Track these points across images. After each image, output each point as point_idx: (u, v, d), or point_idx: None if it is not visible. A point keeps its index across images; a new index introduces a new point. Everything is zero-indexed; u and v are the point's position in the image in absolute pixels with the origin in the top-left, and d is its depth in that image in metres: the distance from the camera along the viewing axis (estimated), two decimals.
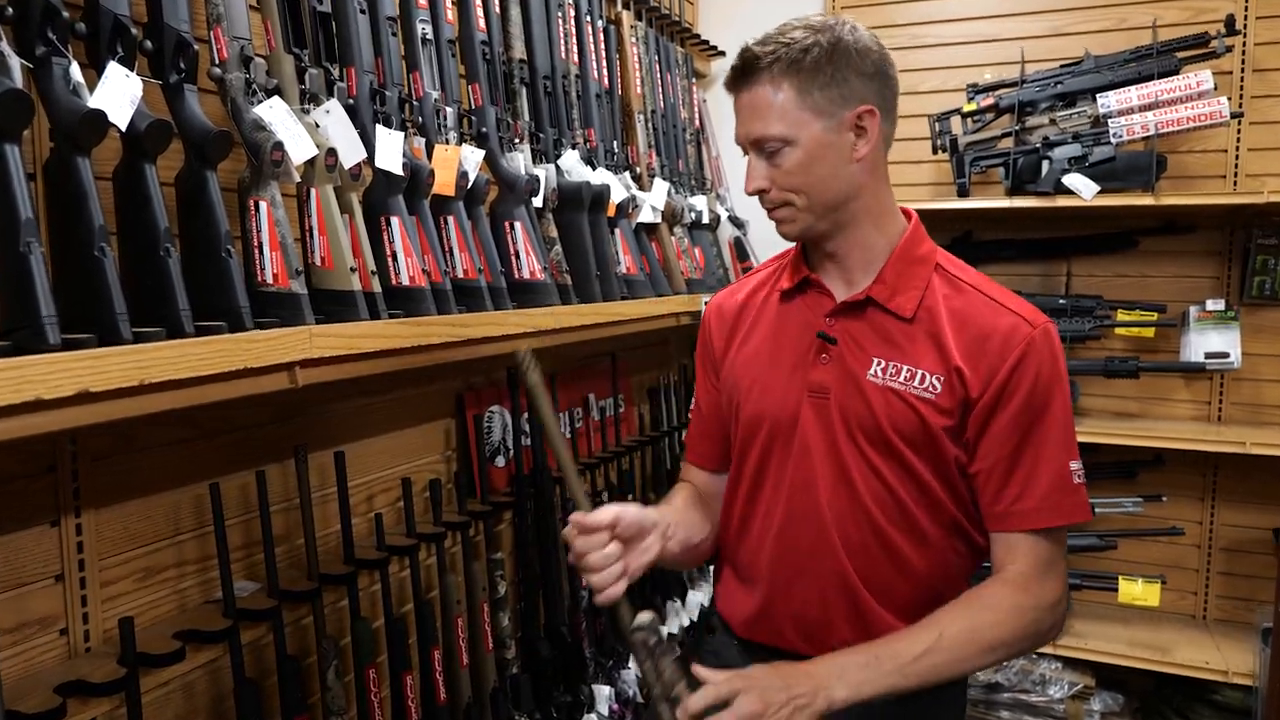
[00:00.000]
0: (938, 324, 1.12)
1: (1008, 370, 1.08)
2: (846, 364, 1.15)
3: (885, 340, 1.14)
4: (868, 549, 1.15)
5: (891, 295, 1.14)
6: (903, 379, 1.12)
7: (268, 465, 1.51)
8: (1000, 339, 1.09)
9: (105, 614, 1.27)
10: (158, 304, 1.07)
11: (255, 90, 1.23)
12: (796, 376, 1.18)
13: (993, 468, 1.10)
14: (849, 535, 1.15)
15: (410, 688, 1.65)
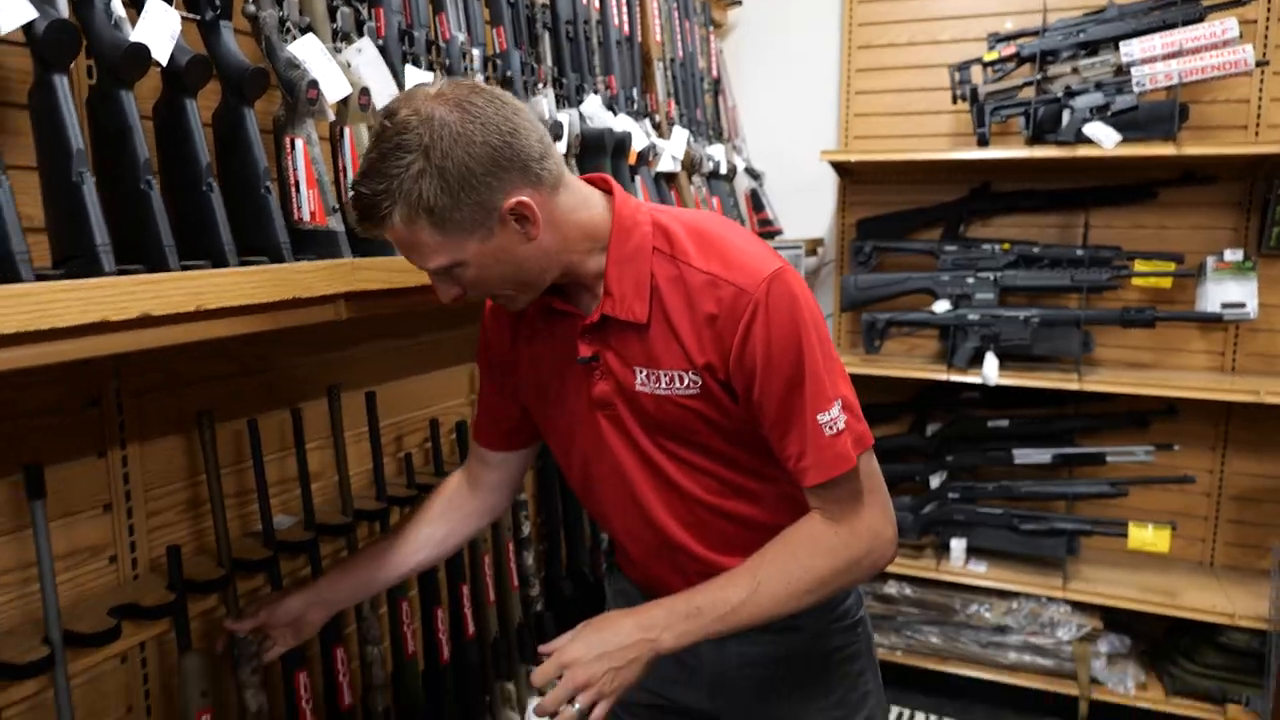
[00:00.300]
0: (672, 320, 1.08)
1: (739, 345, 1.04)
2: (617, 378, 1.12)
3: (638, 349, 1.10)
4: (707, 525, 1.17)
5: (621, 305, 1.08)
6: (665, 385, 1.09)
7: (303, 404, 1.54)
8: (725, 315, 1.05)
9: (152, 542, 1.32)
10: (200, 238, 1.09)
11: (289, 28, 1.24)
12: (582, 394, 1.15)
13: (770, 432, 1.09)
14: (688, 522, 1.17)
15: (440, 621, 1.70)
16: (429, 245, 0.97)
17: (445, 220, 0.95)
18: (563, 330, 1.15)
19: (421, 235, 0.96)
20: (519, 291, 1.07)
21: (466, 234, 0.97)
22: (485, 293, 1.07)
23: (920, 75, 2.99)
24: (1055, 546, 2.68)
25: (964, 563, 2.75)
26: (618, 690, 1.04)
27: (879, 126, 3.07)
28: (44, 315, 0.71)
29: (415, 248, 0.99)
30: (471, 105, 0.95)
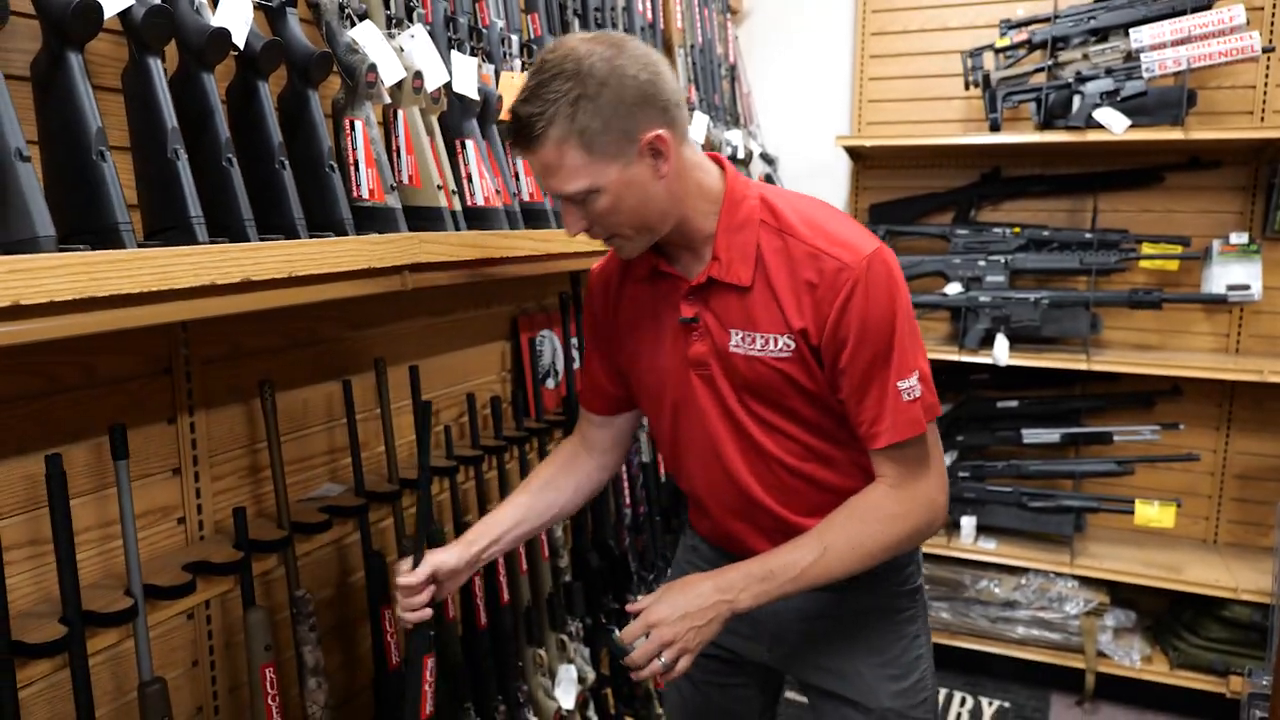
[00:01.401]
0: (774, 286, 1.15)
1: (836, 314, 1.11)
2: (714, 339, 1.19)
3: (736, 311, 1.17)
4: (786, 486, 1.23)
5: (728, 269, 1.15)
6: (759, 347, 1.16)
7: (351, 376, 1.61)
8: (825, 286, 1.11)
9: (216, 505, 1.38)
10: (273, 214, 1.15)
11: (348, 14, 1.30)
12: (677, 353, 1.22)
13: (848, 398, 1.16)
14: (768, 483, 1.23)
15: (478, 588, 1.77)
16: (573, 167, 1.05)
17: (592, 144, 1.03)
18: (663, 293, 1.23)
19: (569, 157, 1.04)
20: (637, 234, 1.13)
21: (609, 160, 1.04)
22: (609, 229, 1.12)
23: (932, 61, 3.05)
24: (1063, 524, 2.75)
25: (974, 539, 2.82)
26: (699, 646, 1.13)
27: (891, 112, 3.13)
28: (164, 278, 0.77)
29: (560, 170, 1.06)
30: (623, 46, 1.06)
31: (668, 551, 2.46)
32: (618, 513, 2.32)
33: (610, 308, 1.32)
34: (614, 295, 1.31)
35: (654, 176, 1.08)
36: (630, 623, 1.15)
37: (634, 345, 1.30)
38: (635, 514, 2.38)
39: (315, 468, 1.58)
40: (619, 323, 1.31)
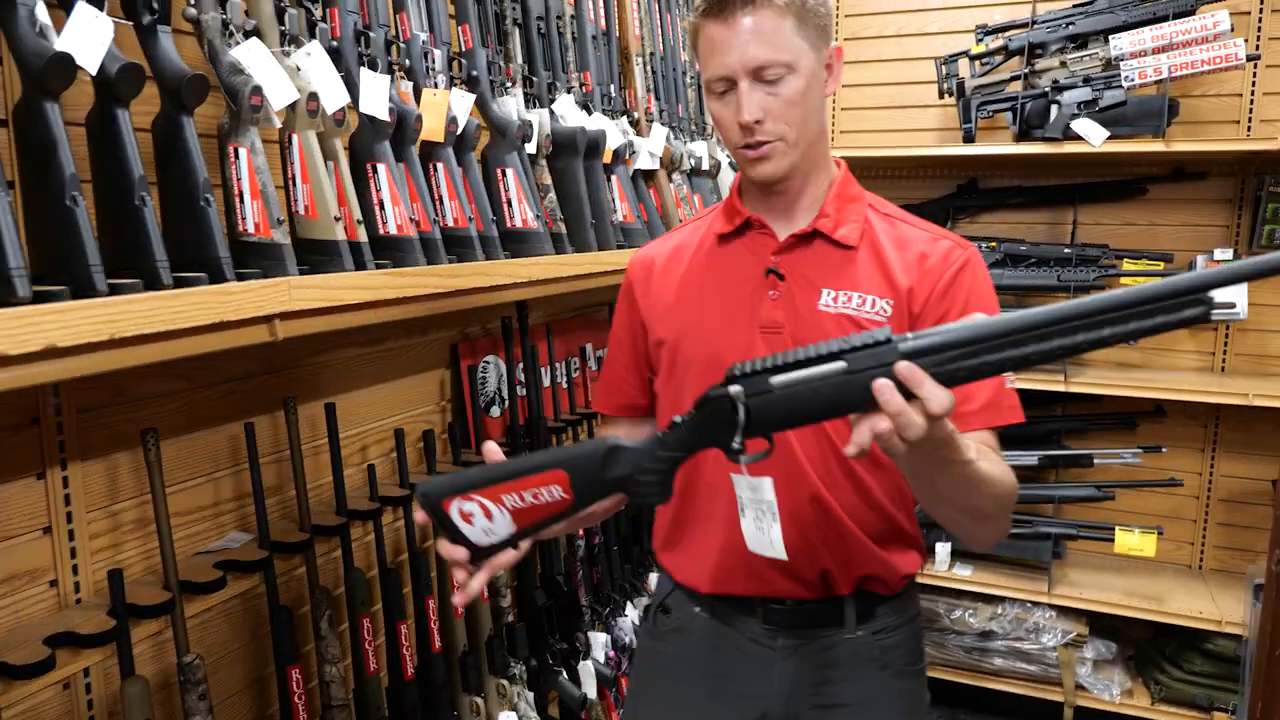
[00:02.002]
0: (879, 251, 1.16)
1: (947, 281, 1.13)
2: (796, 299, 1.16)
3: (833, 271, 1.16)
4: (833, 475, 1.15)
5: (836, 226, 1.17)
6: (854, 305, 1.14)
7: (258, 417, 1.50)
8: (939, 257, 1.15)
9: (95, 565, 1.27)
10: (134, 255, 1.04)
11: (232, 31, 1.19)
12: (743, 316, 1.18)
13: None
14: (817, 462, 1.15)
15: (405, 636, 1.66)
16: (784, 36, 1.07)
17: (805, 24, 1.08)
18: (741, 252, 1.21)
19: (784, 27, 1.07)
20: (795, 144, 1.12)
21: (810, 45, 1.09)
22: (781, 123, 1.10)
23: (908, 68, 2.94)
24: (1041, 550, 2.64)
25: (949, 566, 2.72)
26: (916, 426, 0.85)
27: (866, 121, 3.02)
28: None
29: (774, 37, 1.07)
30: None
31: (625, 584, 2.36)
32: (570, 545, 2.21)
33: (655, 285, 1.27)
34: (660, 272, 1.28)
35: (822, 88, 1.13)
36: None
37: (687, 317, 1.22)
38: (590, 544, 2.27)
39: (222, 514, 1.47)
40: (664, 298, 1.26)
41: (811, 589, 1.17)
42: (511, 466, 0.97)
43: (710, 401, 0.91)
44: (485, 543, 0.98)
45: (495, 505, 0.95)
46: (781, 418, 0.88)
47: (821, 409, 0.86)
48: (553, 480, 0.95)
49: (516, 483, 0.95)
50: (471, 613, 1.89)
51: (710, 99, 1.15)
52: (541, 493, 0.96)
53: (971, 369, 0.81)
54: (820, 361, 0.85)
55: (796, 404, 0.86)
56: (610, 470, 0.96)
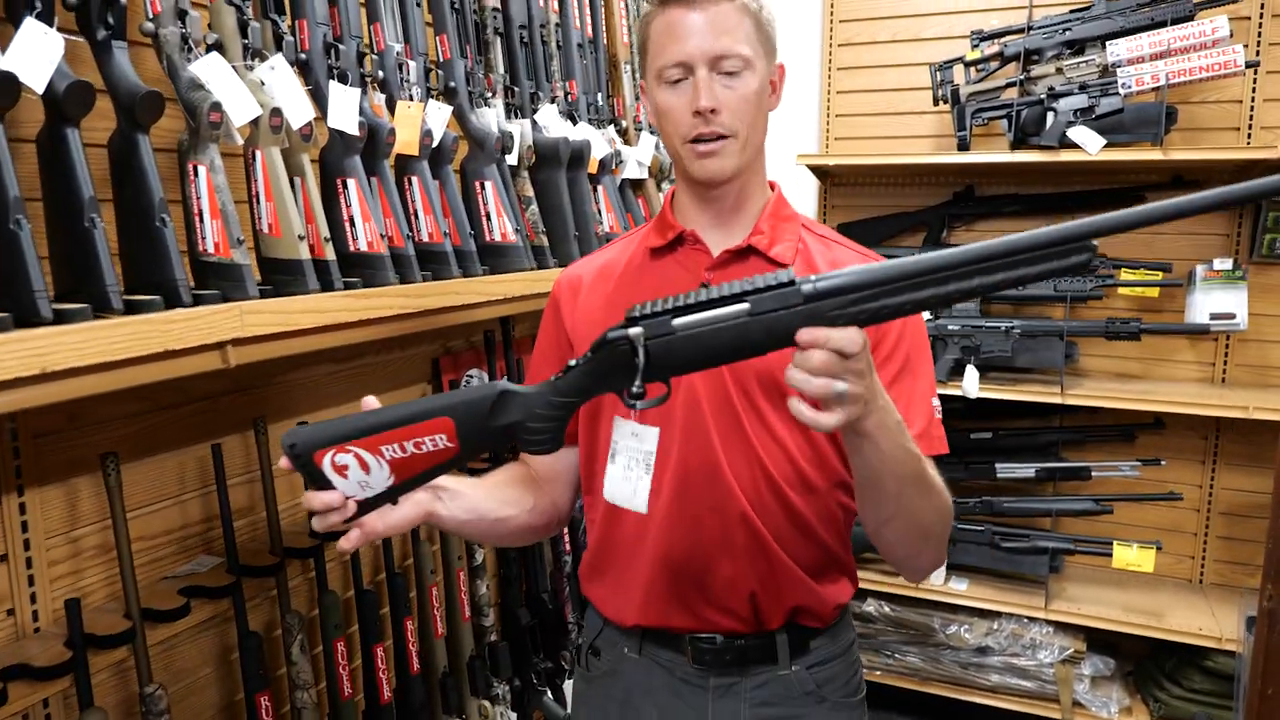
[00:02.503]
0: (814, 270, 1.13)
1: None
2: None
3: None
4: (764, 501, 1.11)
5: (771, 244, 1.14)
6: None
7: (227, 437, 1.47)
8: None
9: (55, 593, 1.24)
10: (84, 279, 1.01)
11: (191, 46, 1.16)
12: None
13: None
14: (747, 488, 1.10)
15: (382, 659, 1.63)
16: (744, 32, 1.07)
17: (760, 29, 1.09)
18: (669, 271, 1.17)
19: (745, 25, 1.07)
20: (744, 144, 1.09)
21: (763, 52, 1.10)
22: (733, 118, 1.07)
23: (903, 74, 2.89)
24: (1038, 565, 2.60)
25: (944, 580, 2.67)
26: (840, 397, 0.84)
27: (861, 127, 2.98)
28: None
29: (733, 31, 1.06)
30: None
31: None
32: (556, 559, 2.18)
33: (580, 303, 1.22)
34: (586, 289, 1.23)
35: (767, 98, 1.12)
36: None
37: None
38: (577, 558, 2.24)
39: (190, 538, 1.44)
40: (594, 318, 1.19)
41: (742, 621, 1.12)
42: (391, 414, 0.91)
43: (608, 344, 0.88)
44: (360, 497, 0.93)
45: (373, 456, 0.90)
46: (682, 361, 0.86)
47: (723, 351, 0.86)
48: (437, 428, 0.90)
49: (397, 432, 0.90)
50: (453, 633, 1.85)
51: (659, 89, 1.10)
52: (425, 442, 0.90)
53: (873, 311, 0.83)
54: (724, 303, 0.85)
55: (698, 347, 0.85)
56: (499, 416, 0.92)
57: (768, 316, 0.83)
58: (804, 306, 0.83)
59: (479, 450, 0.94)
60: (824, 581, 1.14)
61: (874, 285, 0.82)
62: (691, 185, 1.15)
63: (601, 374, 0.90)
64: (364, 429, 0.90)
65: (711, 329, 0.84)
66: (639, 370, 0.85)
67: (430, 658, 1.78)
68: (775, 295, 0.83)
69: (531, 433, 0.93)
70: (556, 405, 0.93)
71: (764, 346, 0.84)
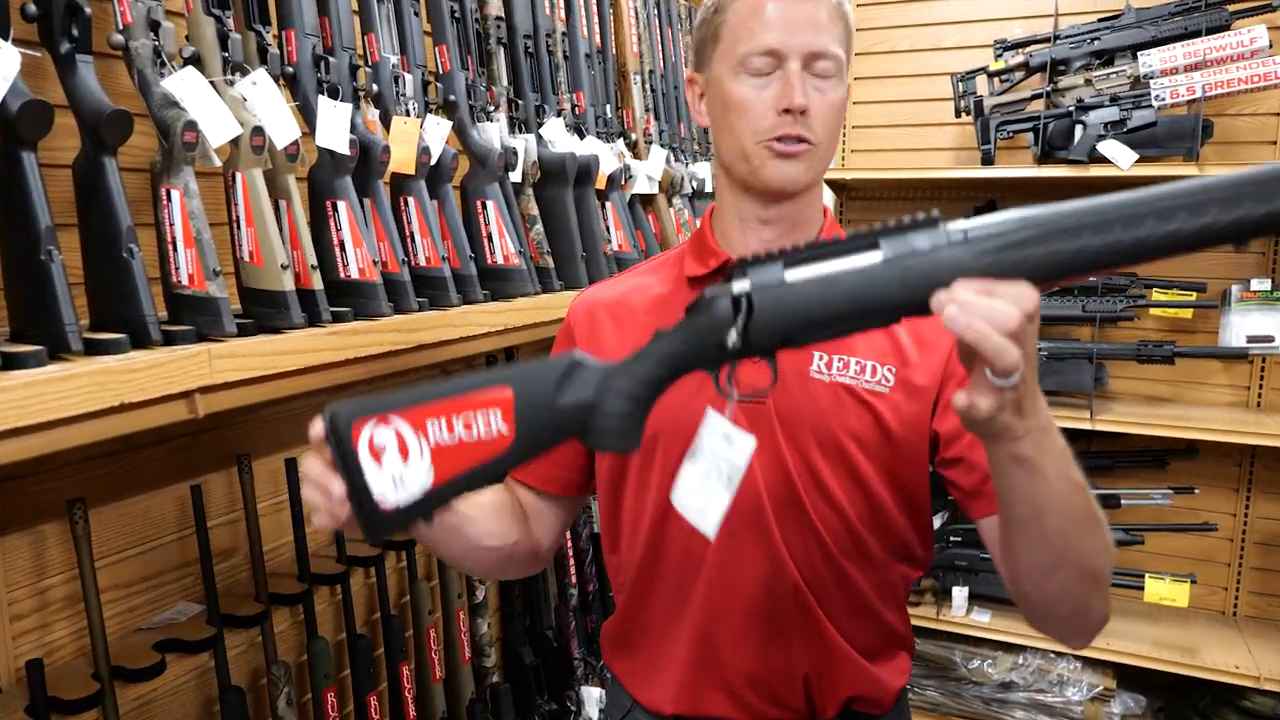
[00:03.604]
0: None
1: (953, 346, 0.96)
2: (783, 362, 0.96)
3: None
4: (819, 575, 0.99)
5: None
6: (852, 373, 0.98)
7: (209, 475, 1.37)
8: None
9: (19, 649, 1.15)
10: (39, 317, 0.92)
11: (165, 60, 1.07)
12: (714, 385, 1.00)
13: (959, 450, 0.96)
14: (802, 561, 0.98)
15: (375, 709, 1.53)
16: (838, 36, 0.97)
17: (848, 38, 1.00)
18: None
19: (838, 28, 0.98)
20: (825, 154, 0.99)
21: (845, 64, 0.99)
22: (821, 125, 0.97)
23: (923, 84, 2.79)
24: None
25: (966, 611, 2.56)
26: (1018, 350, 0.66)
27: (879, 139, 2.88)
28: None
29: (827, 27, 0.96)
30: None
31: None
32: (561, 593, 2.08)
33: (598, 337, 1.08)
34: (607, 321, 1.09)
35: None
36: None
37: None
38: (584, 592, 2.14)
39: (168, 584, 1.35)
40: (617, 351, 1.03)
41: (793, 711, 1.01)
42: (446, 384, 0.76)
43: (704, 302, 0.73)
44: (390, 502, 0.74)
45: (416, 436, 0.73)
46: (795, 323, 0.69)
47: (847, 312, 0.68)
48: (493, 401, 0.74)
49: (448, 403, 0.74)
50: (451, 675, 1.75)
51: (734, 79, 0.96)
52: (475, 420, 0.74)
53: (1042, 259, 0.64)
54: (851, 249, 0.68)
55: (816, 304, 0.68)
56: (567, 393, 0.75)
57: (909, 262, 0.66)
58: (949, 250, 0.65)
59: (538, 442, 0.76)
60: (882, 662, 1.03)
61: (1042, 225, 0.65)
62: (748, 199, 1.01)
63: (694, 342, 0.74)
64: (411, 399, 0.75)
65: (833, 280, 0.68)
66: (738, 328, 0.70)
67: (428, 704, 1.68)
68: (917, 236, 0.66)
69: (606, 418, 0.76)
70: (641, 379, 0.76)
71: (900, 307, 0.67)
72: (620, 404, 0.76)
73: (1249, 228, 0.61)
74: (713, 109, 1.01)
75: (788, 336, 0.70)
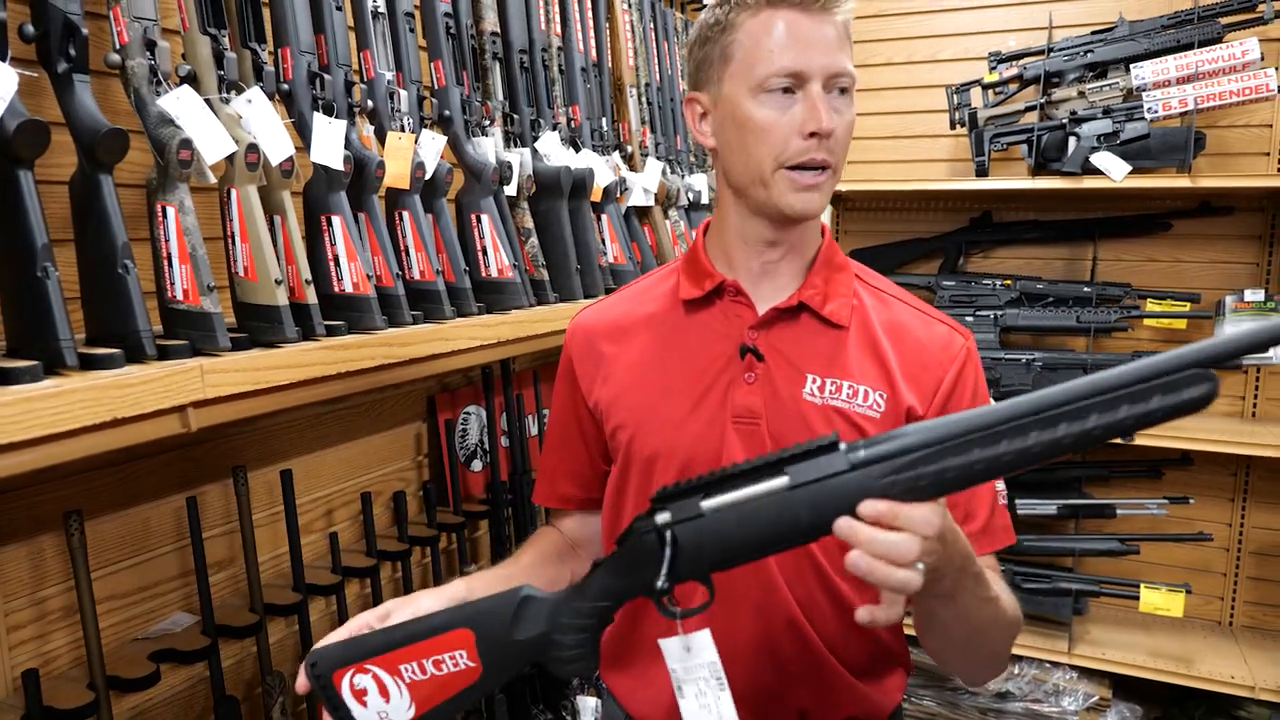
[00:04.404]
0: (872, 334, 1.02)
1: (951, 382, 1.01)
2: (776, 383, 0.99)
3: (821, 353, 1.00)
4: (815, 599, 1.00)
5: (824, 301, 1.01)
6: (844, 396, 0.99)
7: (206, 486, 1.39)
8: (937, 349, 1.02)
9: (16, 659, 1.16)
10: (36, 333, 0.93)
11: (161, 79, 1.08)
12: (713, 401, 1.01)
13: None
14: (795, 584, 1.00)
15: None
16: (849, 54, 0.97)
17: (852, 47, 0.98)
18: (706, 329, 1.04)
19: (849, 44, 0.97)
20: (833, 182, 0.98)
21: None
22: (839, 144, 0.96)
23: (919, 96, 2.81)
24: (1061, 607, 2.49)
25: None
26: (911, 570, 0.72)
27: (875, 151, 2.89)
28: None
29: (846, 48, 0.97)
30: None
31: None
32: None
33: (595, 359, 1.10)
34: (604, 343, 1.10)
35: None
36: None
37: (643, 402, 1.04)
38: None
39: (165, 594, 1.36)
40: (620, 381, 1.07)
41: None
42: (410, 628, 0.83)
43: (633, 534, 0.77)
44: None
45: (392, 679, 0.81)
46: (718, 550, 0.73)
47: (765, 536, 0.72)
48: (456, 643, 0.81)
49: (415, 648, 0.81)
50: None
51: (753, 101, 0.95)
52: (445, 660, 0.81)
53: (935, 476, 0.69)
54: (759, 476, 0.72)
55: (734, 531, 0.72)
56: (522, 628, 0.80)
57: (811, 488, 0.70)
58: (852, 476, 0.70)
59: (505, 670, 0.82)
60: (879, 680, 1.04)
61: (935, 445, 0.69)
62: (758, 222, 1.01)
63: (631, 571, 0.78)
64: (383, 645, 0.83)
65: (748, 509, 0.72)
66: (665, 562, 0.73)
67: None
68: (816, 464, 0.71)
69: (560, 648, 0.81)
70: (585, 613, 0.80)
71: (812, 529, 0.72)
72: (572, 637, 0.81)
73: (1127, 428, 0.66)
74: (724, 131, 1.00)
75: (714, 563, 0.75)
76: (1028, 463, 0.68)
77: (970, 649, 0.95)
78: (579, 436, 1.14)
